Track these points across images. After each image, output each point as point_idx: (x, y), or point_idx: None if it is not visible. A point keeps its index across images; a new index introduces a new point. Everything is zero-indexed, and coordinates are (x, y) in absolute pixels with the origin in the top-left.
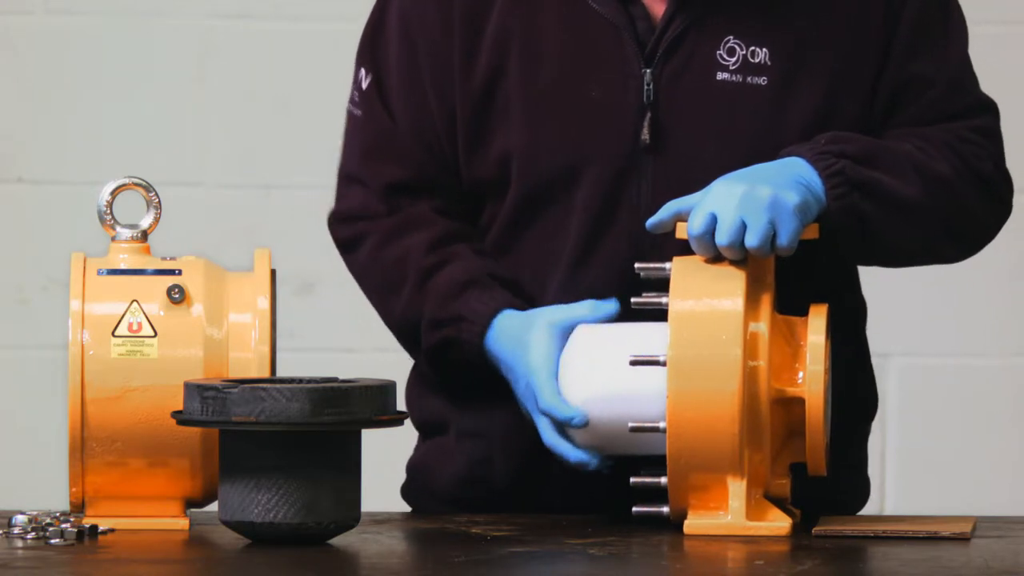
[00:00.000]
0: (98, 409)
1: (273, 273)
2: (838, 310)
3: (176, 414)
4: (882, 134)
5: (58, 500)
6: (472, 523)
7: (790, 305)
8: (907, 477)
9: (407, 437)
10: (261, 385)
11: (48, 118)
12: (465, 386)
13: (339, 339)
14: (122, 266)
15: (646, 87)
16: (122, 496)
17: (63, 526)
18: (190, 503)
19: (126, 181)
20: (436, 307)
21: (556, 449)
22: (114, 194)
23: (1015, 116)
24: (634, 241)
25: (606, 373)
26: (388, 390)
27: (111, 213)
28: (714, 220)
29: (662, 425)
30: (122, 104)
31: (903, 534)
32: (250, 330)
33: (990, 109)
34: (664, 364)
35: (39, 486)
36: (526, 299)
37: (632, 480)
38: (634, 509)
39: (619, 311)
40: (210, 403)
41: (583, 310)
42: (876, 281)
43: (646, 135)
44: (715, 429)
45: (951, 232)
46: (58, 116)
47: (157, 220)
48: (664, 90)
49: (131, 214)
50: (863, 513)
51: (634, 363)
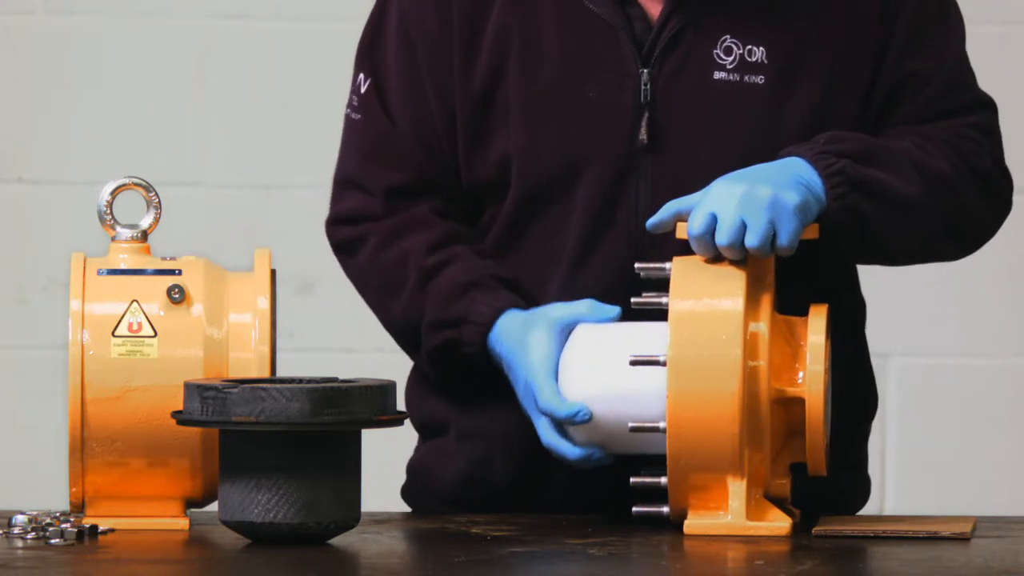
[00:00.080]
0: (98, 409)
1: (273, 273)
2: (838, 310)
3: (176, 414)
4: (880, 132)
5: (58, 500)
6: (472, 523)
7: (790, 305)
8: (907, 477)
9: (407, 438)
10: (261, 385)
11: (48, 118)
12: (466, 388)
13: (339, 339)
14: (122, 266)
15: (643, 87)
16: (122, 496)
17: (63, 526)
18: (190, 503)
19: (126, 181)
20: (438, 308)
21: (555, 449)
22: (114, 194)
23: (1015, 116)
24: (634, 241)
25: (606, 372)
26: (388, 390)
27: (111, 213)
28: (714, 220)
29: (662, 425)
30: (122, 104)
31: (903, 534)
32: (250, 330)
33: (988, 106)
34: (664, 364)
35: (39, 486)
36: (526, 299)
37: (632, 480)
38: (634, 509)
39: (621, 314)
40: (210, 403)
41: (583, 309)
42: (876, 281)
43: (644, 135)
44: (715, 429)
45: (951, 230)
46: (58, 116)
47: (157, 220)
48: (661, 90)
49: (131, 214)
50: (863, 513)
51: (634, 363)
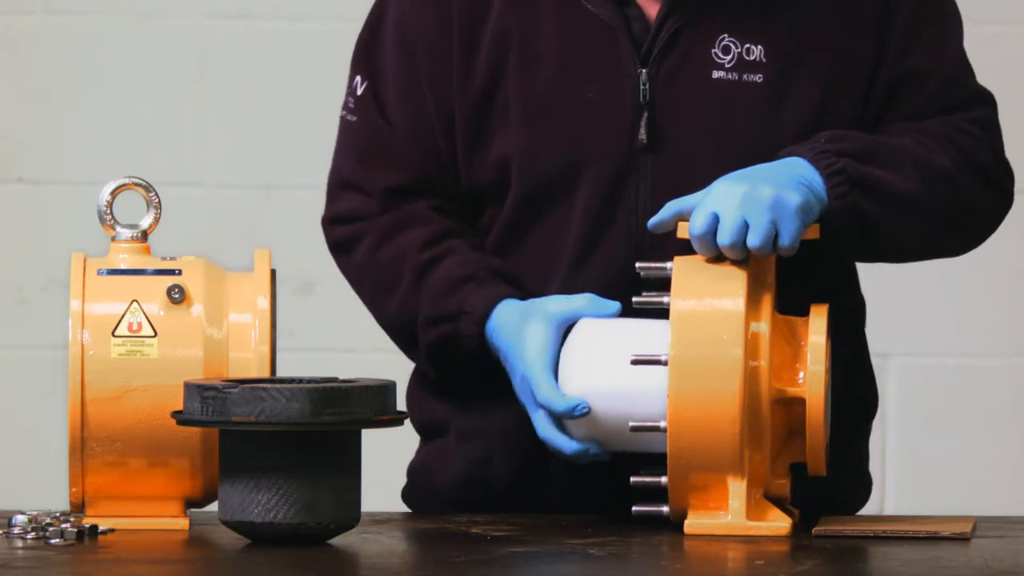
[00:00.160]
0: (98, 409)
1: (273, 273)
2: (838, 310)
3: (176, 414)
4: (880, 130)
5: (58, 500)
6: (472, 523)
7: (790, 305)
8: (907, 477)
9: (407, 438)
10: (261, 385)
11: (48, 118)
12: (464, 385)
13: (339, 339)
14: (122, 266)
15: (642, 87)
16: (122, 496)
17: (63, 526)
18: (190, 503)
19: (126, 181)
20: (434, 303)
21: (552, 442)
22: (114, 194)
23: (1015, 116)
24: (634, 241)
25: (607, 370)
26: (388, 390)
27: (111, 213)
28: (716, 220)
29: (663, 424)
30: (122, 104)
31: (903, 534)
32: (250, 330)
33: (987, 101)
34: (665, 363)
35: (39, 486)
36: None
37: (632, 480)
38: (634, 509)
39: (621, 311)
40: (210, 403)
41: (582, 303)
42: (876, 281)
43: (643, 135)
44: (716, 429)
45: (952, 226)
46: (58, 116)
47: (157, 220)
48: (660, 90)
49: (131, 214)
50: (863, 513)
51: (635, 362)
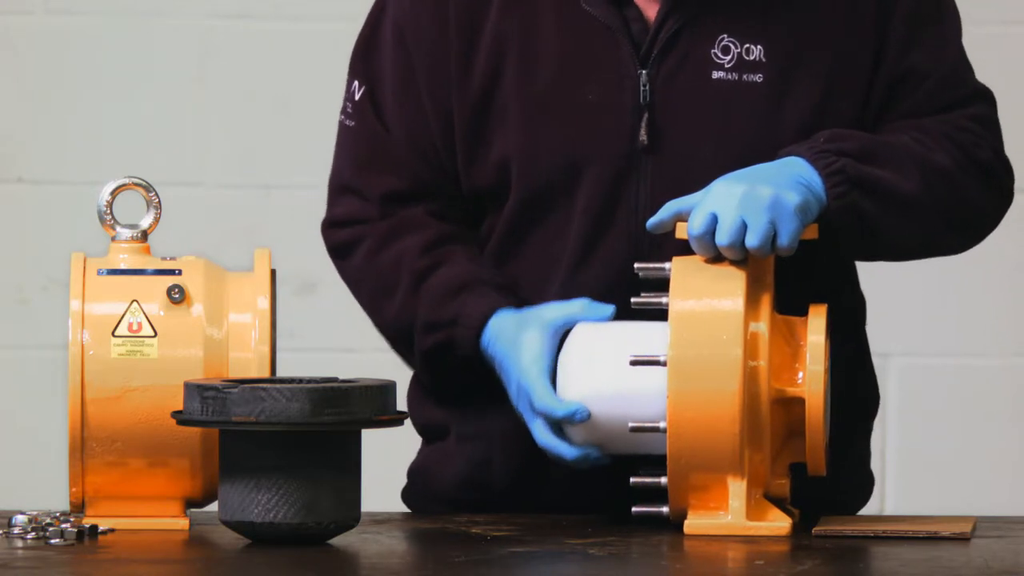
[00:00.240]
0: (98, 409)
1: (273, 273)
2: (837, 309)
3: (176, 414)
4: (879, 128)
5: (58, 500)
6: (472, 523)
7: (790, 305)
8: (907, 477)
9: (408, 438)
10: (261, 385)
11: (48, 118)
12: (459, 394)
13: (339, 339)
14: (122, 266)
15: (642, 88)
16: (122, 496)
17: (63, 526)
18: (190, 503)
19: (126, 181)
20: (430, 310)
21: (552, 449)
22: (114, 194)
23: (1015, 117)
24: (634, 241)
25: (606, 372)
26: (388, 390)
27: (111, 213)
28: (715, 220)
29: (662, 425)
30: (122, 104)
31: (903, 534)
32: (250, 330)
33: (987, 98)
34: (664, 364)
35: (39, 486)
36: (527, 301)
37: (632, 480)
38: (634, 509)
39: (615, 313)
40: (210, 403)
41: (577, 308)
42: (876, 280)
43: (643, 136)
44: (715, 429)
45: (952, 224)
46: (58, 116)
47: (157, 220)
48: (660, 91)
49: (131, 214)
50: (865, 511)
51: (634, 363)
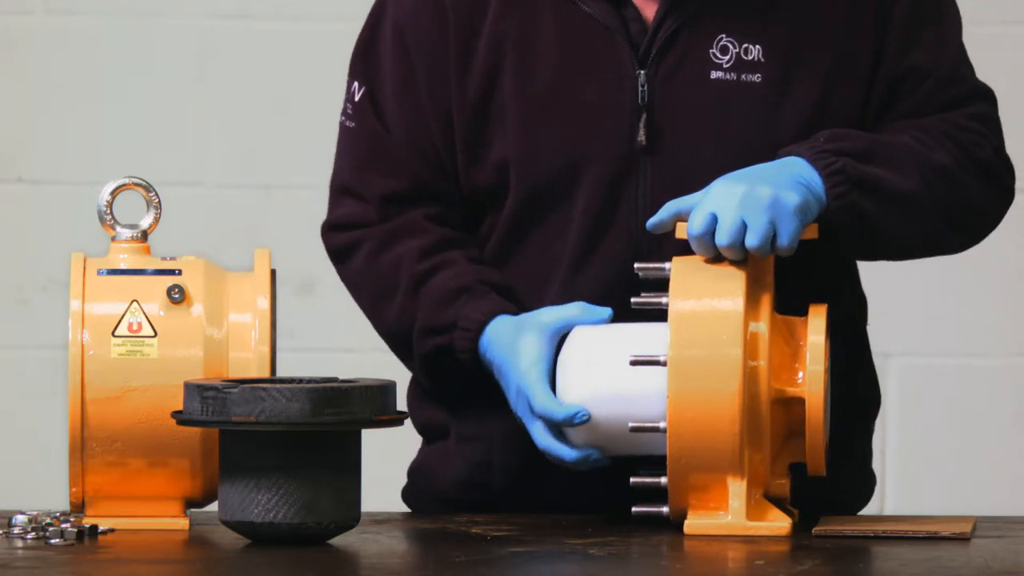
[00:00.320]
0: (98, 409)
1: (273, 273)
2: (838, 309)
3: (176, 414)
4: (879, 127)
5: (58, 500)
6: (472, 523)
7: (790, 305)
8: (907, 477)
9: (408, 438)
10: (261, 385)
11: (48, 118)
12: (457, 396)
13: (339, 339)
14: (122, 266)
15: (641, 88)
16: (122, 496)
17: (63, 526)
18: (190, 503)
19: (126, 181)
20: (429, 314)
21: (552, 452)
22: (114, 194)
23: (1015, 117)
24: (634, 241)
25: (605, 373)
26: (388, 390)
27: (111, 213)
28: (714, 220)
29: (662, 425)
30: (122, 104)
31: (903, 534)
32: (250, 330)
33: (987, 96)
34: (664, 364)
35: (39, 486)
36: (527, 302)
37: (632, 480)
38: (634, 509)
39: (613, 315)
40: (210, 403)
41: (574, 311)
42: (877, 281)
43: (642, 136)
44: (715, 429)
45: (953, 223)
46: (58, 116)
47: (157, 220)
48: (659, 91)
49: (131, 214)
50: (865, 511)
51: (634, 363)
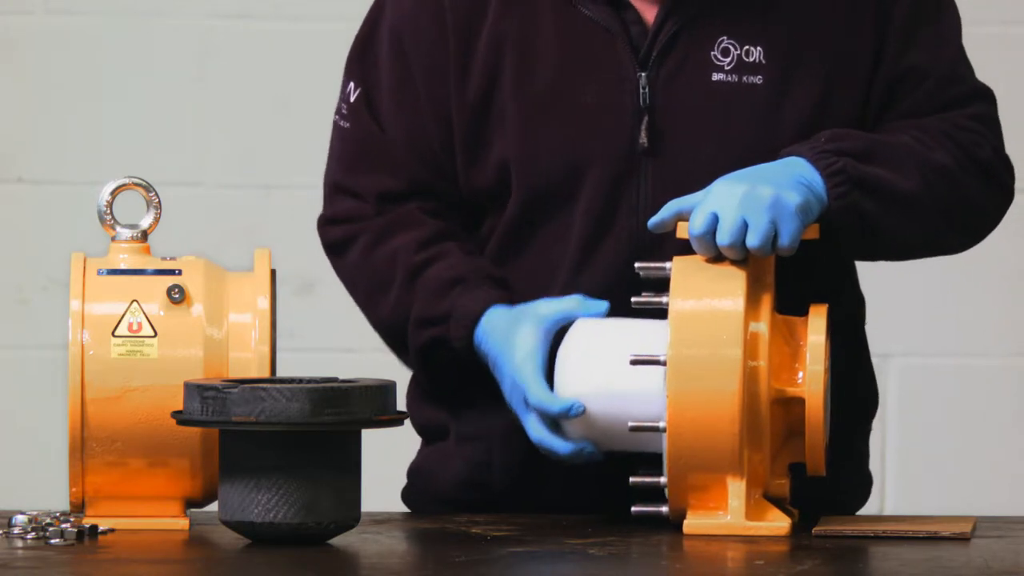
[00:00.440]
0: (98, 409)
1: (273, 273)
2: (837, 309)
3: (176, 414)
4: (879, 127)
5: (58, 500)
6: (472, 523)
7: (790, 305)
8: (907, 477)
9: (407, 438)
10: (261, 385)
11: (48, 118)
12: (454, 390)
13: (339, 339)
14: (122, 266)
15: (642, 90)
16: (122, 496)
17: (63, 526)
18: (190, 503)
19: (126, 181)
20: (424, 305)
21: (546, 444)
22: (114, 194)
23: (1015, 117)
24: (635, 242)
25: (605, 370)
26: (388, 390)
27: (111, 213)
28: (715, 220)
29: (662, 425)
30: (122, 104)
31: (903, 534)
32: (250, 330)
33: (987, 96)
34: (664, 364)
35: (39, 486)
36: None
37: (631, 480)
38: (633, 509)
39: (609, 309)
40: (210, 403)
41: (572, 304)
42: (876, 281)
43: (644, 138)
44: (715, 429)
45: (953, 223)
46: (58, 116)
47: (157, 220)
48: (660, 93)
49: (131, 214)
50: (863, 513)
51: (634, 363)
